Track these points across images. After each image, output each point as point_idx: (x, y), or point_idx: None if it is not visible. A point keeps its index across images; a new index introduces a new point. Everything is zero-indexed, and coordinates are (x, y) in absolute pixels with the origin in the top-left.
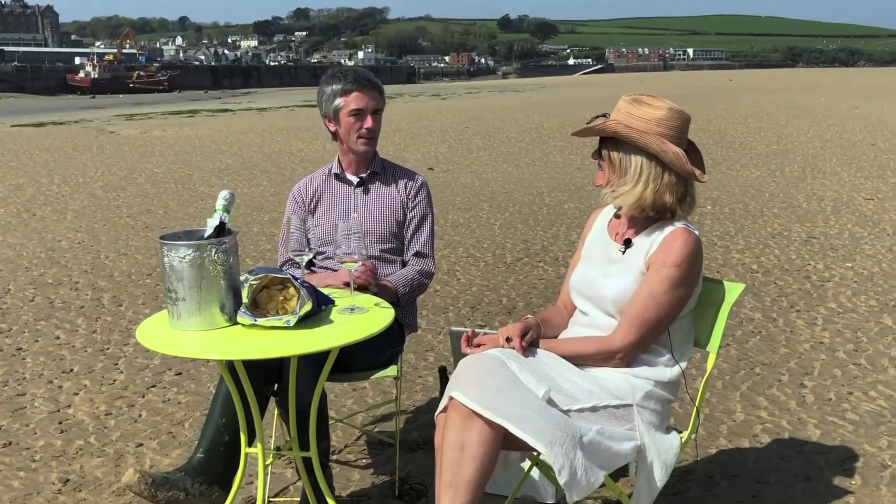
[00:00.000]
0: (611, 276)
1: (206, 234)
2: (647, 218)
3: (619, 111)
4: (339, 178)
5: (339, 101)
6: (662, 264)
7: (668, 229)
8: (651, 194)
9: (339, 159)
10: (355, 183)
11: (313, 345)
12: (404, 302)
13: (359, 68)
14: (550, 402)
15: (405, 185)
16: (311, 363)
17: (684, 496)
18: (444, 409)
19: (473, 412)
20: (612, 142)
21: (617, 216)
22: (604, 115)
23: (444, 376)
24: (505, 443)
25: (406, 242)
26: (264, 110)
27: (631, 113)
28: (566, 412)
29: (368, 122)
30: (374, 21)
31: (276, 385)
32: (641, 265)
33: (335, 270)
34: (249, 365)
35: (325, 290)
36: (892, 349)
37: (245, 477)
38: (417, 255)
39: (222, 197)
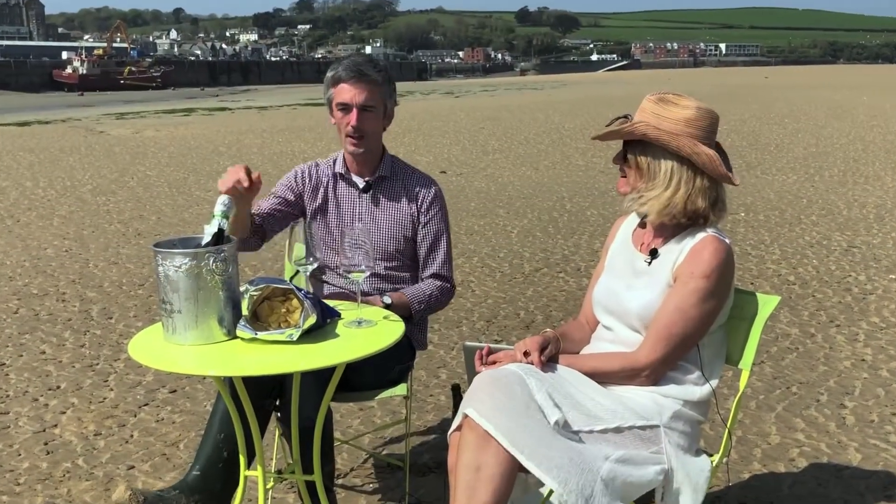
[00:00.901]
0: (636, 288)
1: (204, 242)
2: (674, 226)
3: (645, 112)
4: (344, 178)
5: (330, 92)
6: (691, 275)
7: (697, 238)
8: (682, 200)
9: (343, 156)
10: (361, 187)
11: (317, 360)
12: (417, 319)
13: (362, 57)
14: (566, 426)
15: (417, 195)
16: (316, 380)
17: None
18: (458, 428)
19: (486, 433)
20: (638, 145)
21: (642, 225)
22: (625, 117)
23: (457, 395)
24: (523, 466)
25: (421, 262)
26: (265, 109)
27: (658, 114)
28: (587, 433)
29: (352, 119)
30: (382, 13)
31: (277, 400)
32: (668, 277)
33: (339, 285)
34: (249, 377)
35: (330, 302)
36: None
37: (244, 502)
38: (435, 276)
39: (221, 202)
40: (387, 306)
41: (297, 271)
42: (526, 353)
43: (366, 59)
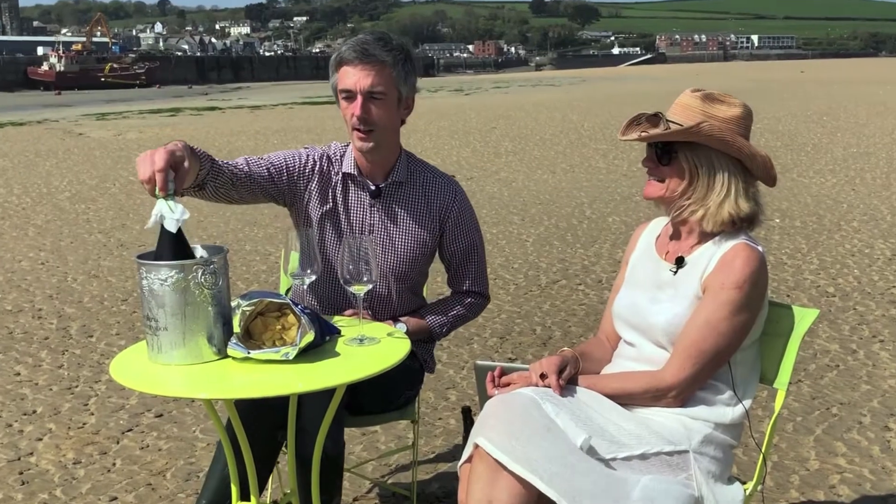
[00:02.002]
0: (660, 301)
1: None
2: (702, 233)
3: (692, 110)
4: (355, 181)
5: (335, 77)
6: (721, 286)
7: (727, 245)
8: (733, 205)
9: (353, 153)
10: (372, 192)
11: (316, 381)
12: (440, 339)
13: (372, 34)
14: (591, 451)
15: (439, 205)
16: (319, 403)
17: None
18: (469, 459)
19: (502, 464)
20: (687, 146)
21: (672, 233)
22: (656, 115)
23: (468, 418)
24: (541, 499)
25: (449, 277)
26: (258, 108)
27: (708, 112)
28: (611, 461)
29: (356, 108)
30: (385, 4)
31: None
32: (696, 288)
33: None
34: (258, 404)
35: (331, 318)
36: None
37: None
38: (467, 293)
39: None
40: (405, 332)
41: (294, 284)
42: (542, 376)
43: (375, 37)
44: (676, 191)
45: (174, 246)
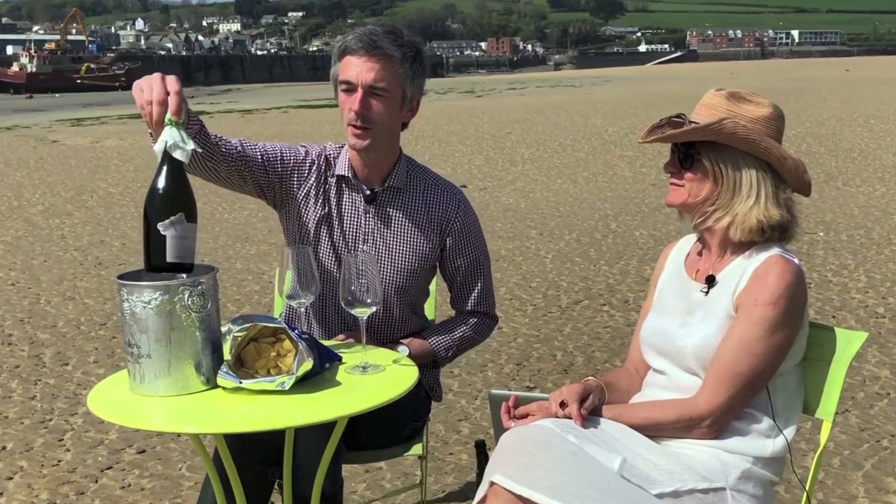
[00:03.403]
0: (690, 323)
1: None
2: (734, 246)
3: (716, 109)
4: (349, 184)
5: (336, 66)
6: (754, 303)
7: (760, 258)
8: (762, 211)
9: (348, 154)
10: (367, 197)
11: (315, 414)
12: (445, 365)
13: (383, 27)
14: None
15: (439, 218)
16: (315, 437)
17: None
18: (484, 499)
19: (521, 499)
20: (711, 148)
21: (700, 250)
22: (679, 116)
23: (482, 453)
24: None
25: (453, 296)
26: (249, 112)
27: (734, 111)
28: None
29: (355, 103)
30: None
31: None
32: (728, 306)
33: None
34: (243, 437)
35: (330, 344)
36: None
37: None
38: (472, 313)
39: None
40: (408, 356)
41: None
42: (563, 405)
43: (386, 30)
44: (700, 195)
45: (180, 184)
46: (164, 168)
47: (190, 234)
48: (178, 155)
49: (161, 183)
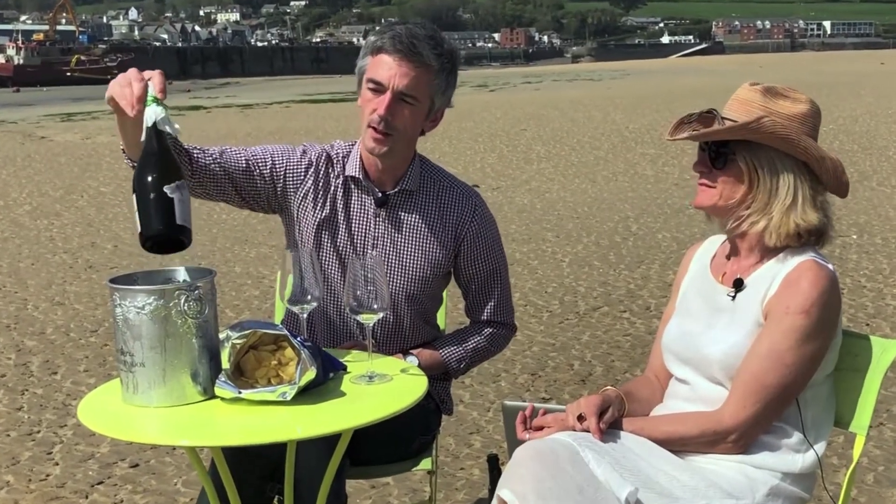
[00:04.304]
0: (716, 329)
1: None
2: (764, 249)
3: (751, 105)
4: (360, 186)
5: (366, 61)
6: (785, 310)
7: (792, 263)
8: (800, 214)
9: (360, 153)
10: (378, 200)
11: (318, 426)
12: (457, 377)
13: (424, 29)
14: None
15: (454, 222)
16: (317, 451)
17: None
18: None
19: None
20: (746, 147)
21: (728, 251)
22: (709, 112)
23: (494, 468)
24: None
25: (468, 305)
26: (249, 107)
27: (769, 108)
28: None
29: (381, 106)
30: None
31: (281, 482)
32: (757, 313)
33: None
34: (245, 452)
35: (334, 352)
36: None
37: None
38: (488, 322)
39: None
40: (417, 367)
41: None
42: (580, 418)
43: (427, 34)
44: (733, 198)
45: (174, 153)
46: (156, 140)
47: (189, 202)
48: (169, 130)
49: (158, 149)
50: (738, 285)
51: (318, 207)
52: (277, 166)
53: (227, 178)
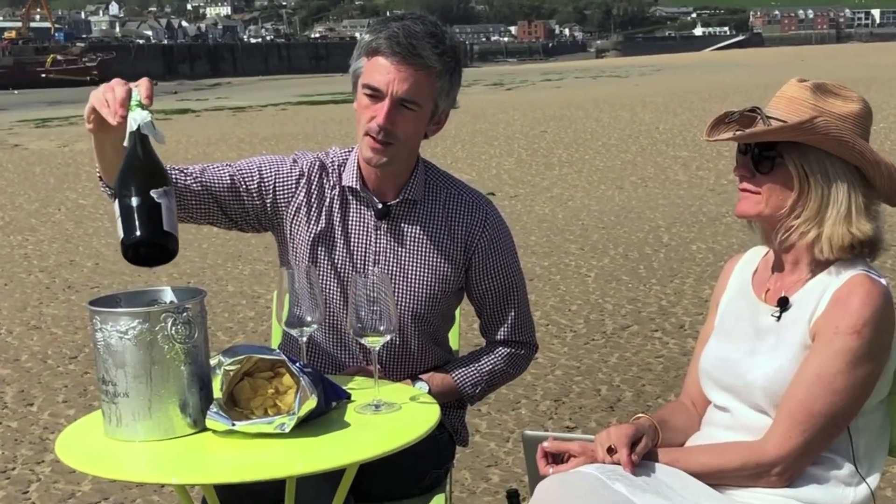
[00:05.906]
0: (759, 353)
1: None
2: (812, 262)
3: (801, 103)
4: (357, 195)
5: (361, 63)
6: (835, 331)
7: (841, 279)
8: (855, 226)
9: (358, 162)
10: (378, 211)
11: (319, 461)
12: (473, 403)
13: (423, 25)
14: None
15: (463, 234)
16: (322, 487)
17: None
18: None
19: None
20: (794, 150)
21: (773, 269)
22: (753, 110)
23: (514, 503)
24: None
25: (483, 324)
26: (241, 110)
27: (820, 107)
28: None
29: (380, 114)
30: None
31: None
32: (804, 334)
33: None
34: (239, 489)
35: (336, 379)
36: None
37: None
38: (506, 342)
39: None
40: (428, 393)
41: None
42: (610, 450)
43: (427, 31)
44: (782, 207)
45: (152, 161)
46: (140, 145)
47: (175, 211)
48: (155, 136)
49: (143, 153)
50: (784, 304)
51: (313, 222)
52: (265, 179)
53: (210, 197)
